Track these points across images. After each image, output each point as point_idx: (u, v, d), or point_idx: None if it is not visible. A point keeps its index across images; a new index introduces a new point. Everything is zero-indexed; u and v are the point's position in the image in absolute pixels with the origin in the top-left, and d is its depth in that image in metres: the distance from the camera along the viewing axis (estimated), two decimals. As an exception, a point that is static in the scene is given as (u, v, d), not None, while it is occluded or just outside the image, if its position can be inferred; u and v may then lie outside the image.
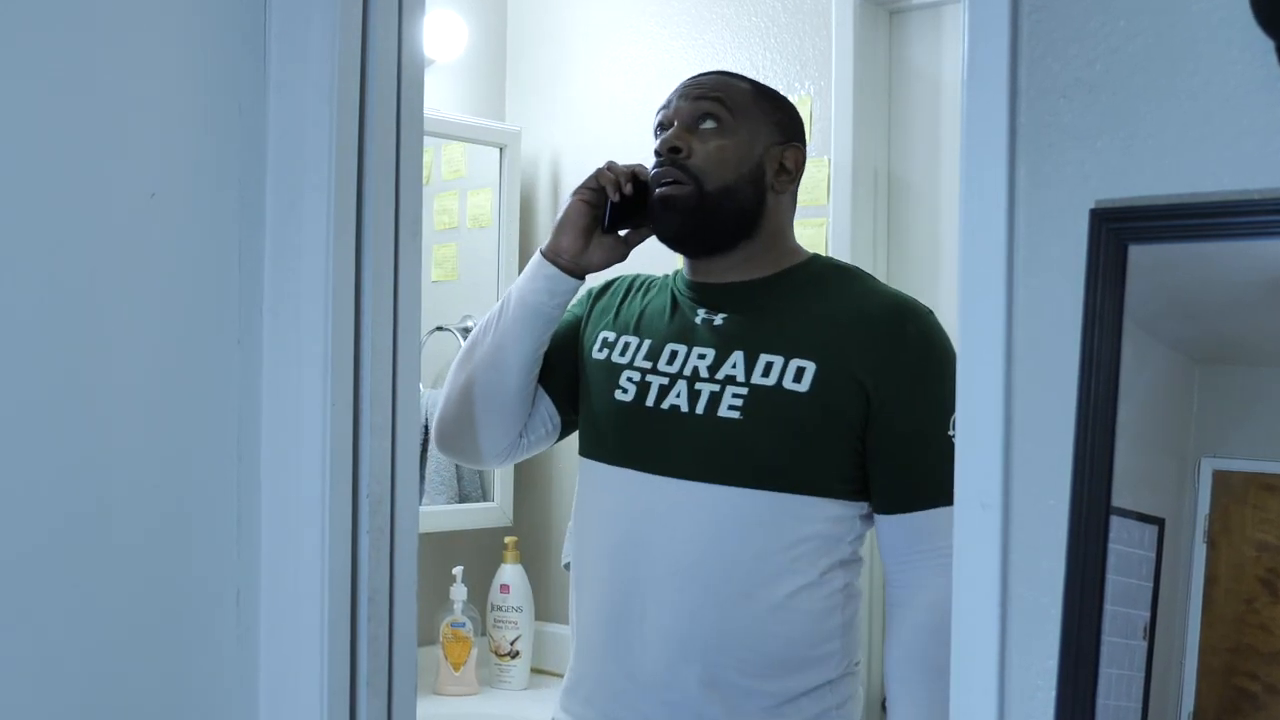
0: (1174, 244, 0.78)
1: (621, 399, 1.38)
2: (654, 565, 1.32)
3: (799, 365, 1.32)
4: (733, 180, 1.35)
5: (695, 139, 1.36)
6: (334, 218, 1.19)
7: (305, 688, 1.18)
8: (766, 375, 1.32)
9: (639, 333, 1.41)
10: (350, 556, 1.19)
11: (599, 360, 1.42)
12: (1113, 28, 0.81)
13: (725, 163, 1.35)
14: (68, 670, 1.13)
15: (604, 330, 1.44)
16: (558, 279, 1.38)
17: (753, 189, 1.37)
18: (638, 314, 1.43)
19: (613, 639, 1.35)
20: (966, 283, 0.86)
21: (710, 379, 1.34)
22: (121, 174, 1.16)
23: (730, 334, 1.36)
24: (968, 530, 0.85)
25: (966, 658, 0.84)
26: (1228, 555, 0.77)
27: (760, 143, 1.38)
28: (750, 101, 1.38)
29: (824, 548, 1.33)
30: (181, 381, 1.20)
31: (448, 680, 2.27)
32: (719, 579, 1.30)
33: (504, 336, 1.40)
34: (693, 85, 1.40)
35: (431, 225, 2.43)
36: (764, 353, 1.33)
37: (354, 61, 1.20)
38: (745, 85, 1.40)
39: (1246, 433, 0.76)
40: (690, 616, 1.30)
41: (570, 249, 1.38)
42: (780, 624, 1.31)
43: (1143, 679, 0.78)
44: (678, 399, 1.34)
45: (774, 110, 1.40)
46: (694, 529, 1.32)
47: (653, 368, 1.37)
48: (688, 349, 1.36)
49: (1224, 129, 0.76)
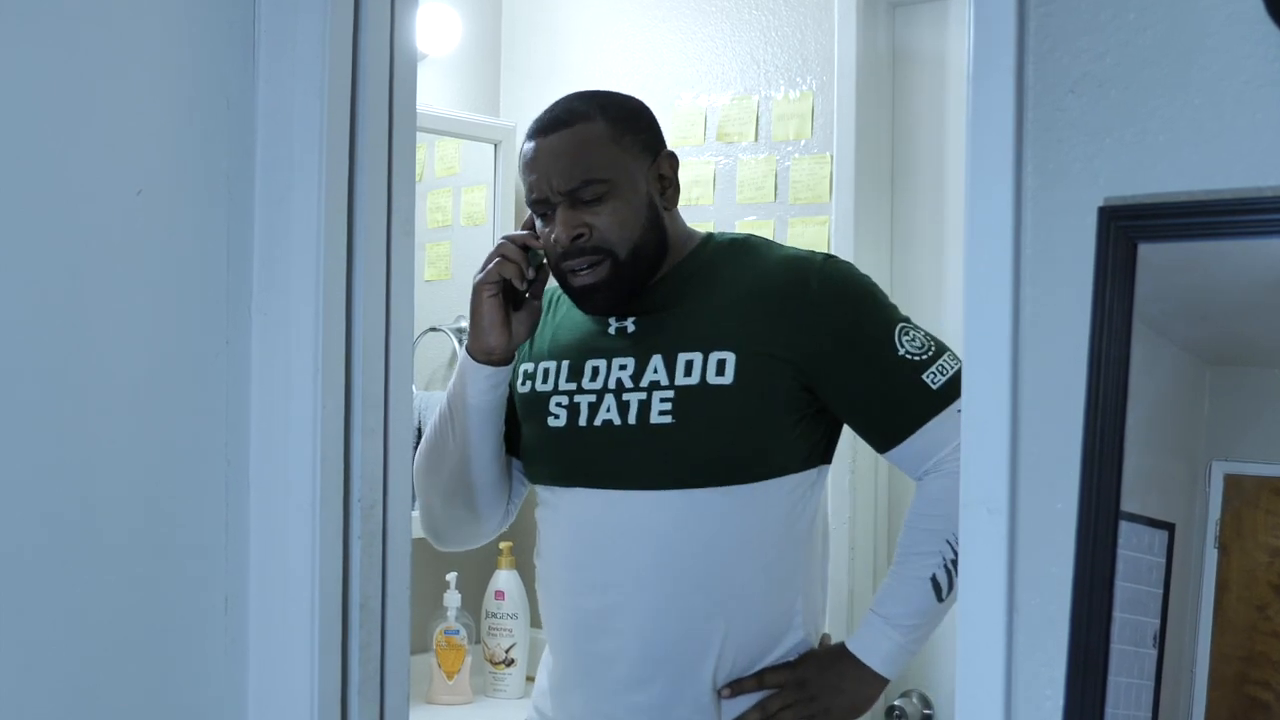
0: (1185, 242, 0.78)
1: (555, 425, 1.39)
2: (614, 575, 1.34)
3: (718, 358, 1.33)
4: (638, 236, 1.35)
5: (586, 213, 1.33)
6: (324, 215, 1.18)
7: (295, 697, 1.17)
8: (689, 374, 1.33)
9: (555, 356, 1.42)
10: (341, 562, 1.18)
11: (524, 394, 1.44)
12: (1123, 20, 0.80)
13: (625, 224, 1.34)
14: (52, 680, 1.12)
15: (523, 363, 1.45)
16: (496, 373, 1.39)
17: (654, 230, 1.36)
18: (549, 337, 1.44)
19: (581, 652, 1.37)
20: (972, 282, 0.86)
21: (635, 388, 1.35)
22: (107, 170, 1.15)
23: (644, 339, 1.37)
24: (974, 535, 0.85)
25: (973, 665, 0.84)
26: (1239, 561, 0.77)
27: (641, 179, 1.36)
28: (612, 144, 1.34)
29: (779, 528, 1.35)
30: (168, 383, 1.19)
31: (441, 689, 2.26)
32: (678, 580, 1.33)
33: (465, 445, 1.41)
34: (554, 156, 1.34)
35: (424, 223, 2.43)
36: (681, 352, 1.34)
37: (345, 55, 1.20)
38: (601, 126, 1.35)
39: (1259, 435, 0.76)
40: (654, 621, 1.33)
41: (499, 344, 1.38)
42: (741, 615, 1.34)
43: (1152, 688, 0.78)
44: (609, 413, 1.36)
45: (633, 133, 1.37)
46: (648, 536, 1.34)
47: (578, 388, 1.39)
48: (608, 362, 1.38)
49: (1236, 125, 0.76)
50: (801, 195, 2.12)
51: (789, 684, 1.34)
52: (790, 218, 2.13)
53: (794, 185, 2.13)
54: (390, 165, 1.23)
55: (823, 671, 1.35)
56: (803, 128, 2.14)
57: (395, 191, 1.23)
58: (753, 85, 2.20)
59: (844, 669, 1.34)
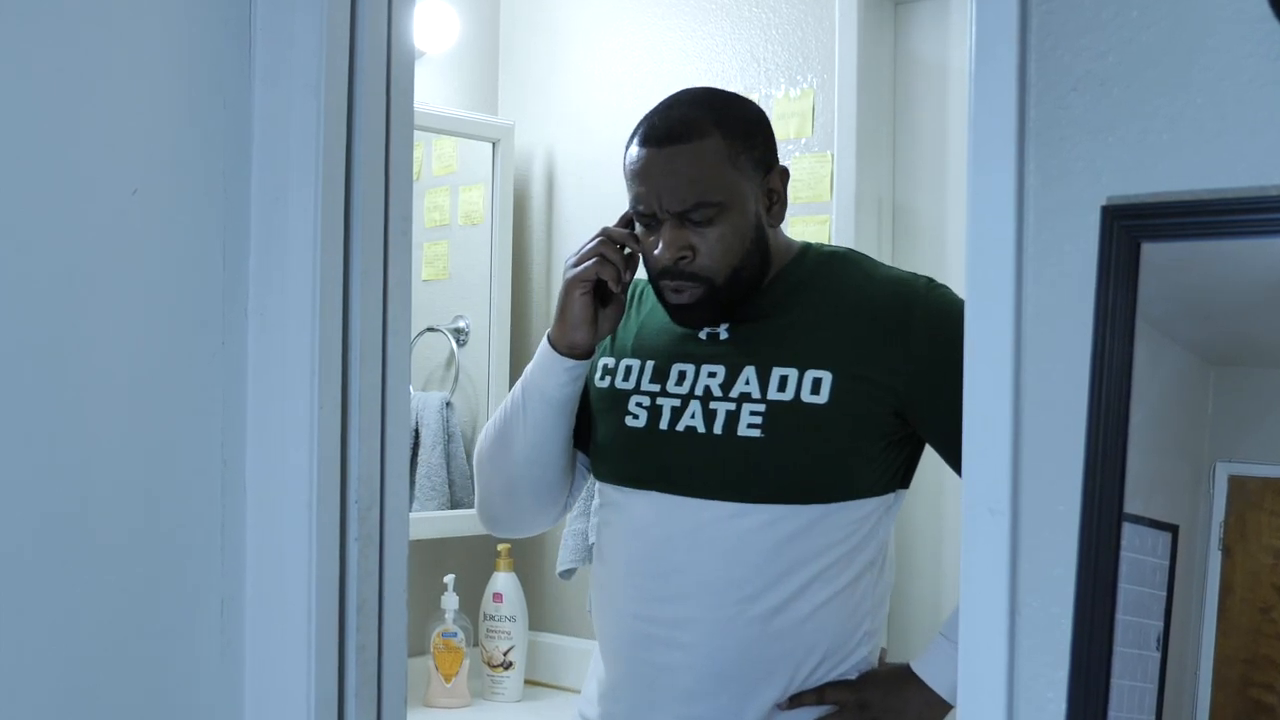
0: (1189, 242, 0.78)
1: (633, 425, 1.36)
2: (682, 585, 1.32)
3: (815, 376, 1.30)
4: (739, 261, 1.31)
5: (693, 234, 1.30)
6: (321, 215, 1.18)
7: (292, 700, 1.17)
8: (783, 390, 1.31)
9: (639, 354, 1.39)
10: (338, 564, 1.18)
11: (602, 389, 1.41)
12: (1125, 19, 0.80)
13: (730, 250, 1.30)
14: (46, 682, 1.12)
15: (603, 357, 1.42)
16: (577, 367, 1.37)
17: (757, 252, 1.33)
18: (634, 334, 1.42)
19: (641, 661, 1.34)
20: (974, 282, 0.85)
21: (725, 397, 1.32)
22: (102, 169, 1.15)
23: (738, 348, 1.34)
24: (976, 537, 0.85)
25: (975, 668, 0.84)
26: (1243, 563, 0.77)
27: (751, 200, 1.32)
28: (728, 165, 1.29)
29: (852, 553, 1.32)
30: (164, 384, 1.19)
31: (439, 692, 2.25)
32: (749, 596, 1.30)
33: (538, 433, 1.39)
34: (667, 173, 1.28)
35: (422, 222, 2.43)
36: (776, 366, 1.31)
37: (342, 52, 1.19)
38: (717, 143, 1.28)
39: (1263, 436, 0.76)
40: (723, 636, 1.30)
41: (585, 341, 1.36)
42: (812, 635, 1.31)
43: (1156, 691, 0.78)
44: (693, 420, 1.33)
45: (749, 150, 1.31)
46: (723, 547, 1.31)
47: (661, 390, 1.36)
48: (696, 367, 1.35)
49: (1240, 123, 0.76)
50: (802, 194, 2.12)
51: (851, 704, 1.31)
52: (791, 217, 2.12)
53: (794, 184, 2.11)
54: (387, 164, 1.22)
55: (887, 695, 1.31)
56: (803, 126, 2.14)
57: (392, 191, 1.23)
58: (753, 83, 2.19)
59: (909, 694, 1.30)
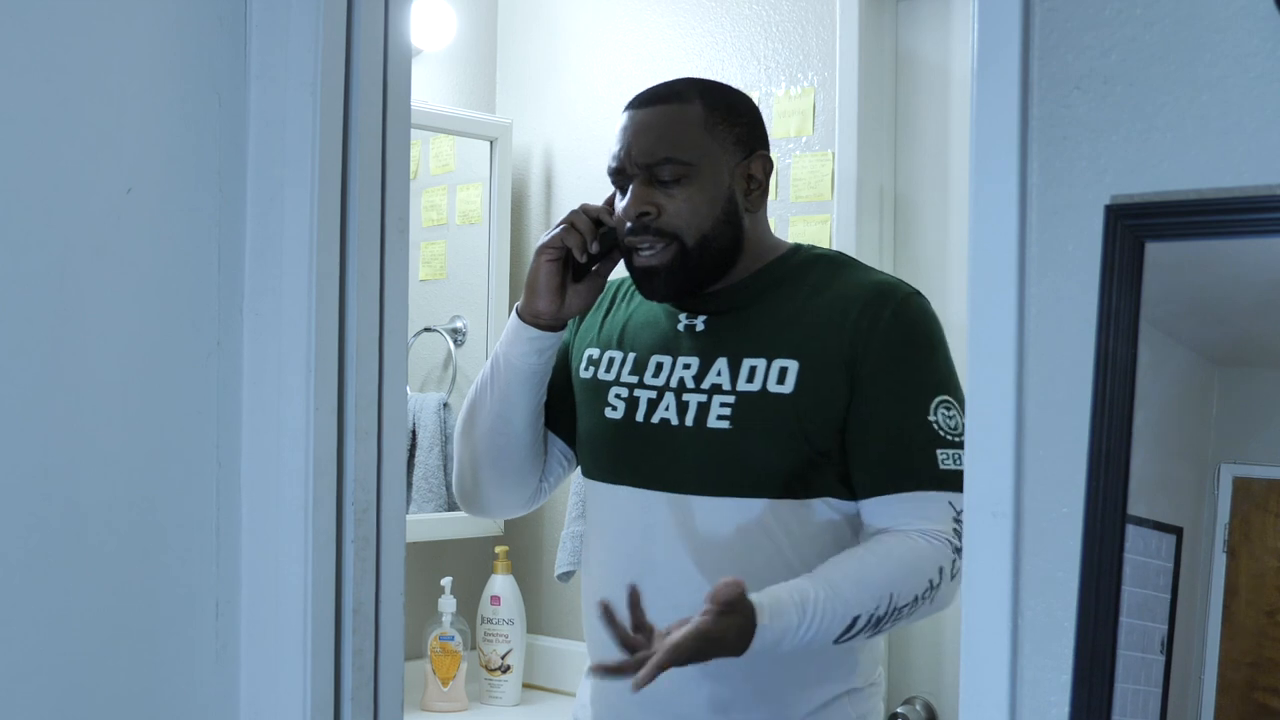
0: (1193, 241, 0.78)
1: (611, 416, 1.37)
2: (658, 581, 1.30)
3: (781, 365, 1.30)
4: (709, 227, 1.32)
5: (660, 193, 1.32)
6: (317, 214, 1.18)
7: (287, 704, 1.17)
8: (751, 380, 1.31)
9: (624, 346, 1.41)
10: (334, 567, 1.18)
11: (585, 380, 1.42)
12: (1129, 16, 0.80)
13: (697, 212, 1.32)
14: (40, 686, 1.12)
15: (588, 348, 1.44)
16: (542, 339, 1.38)
17: (729, 226, 1.34)
18: (621, 326, 1.43)
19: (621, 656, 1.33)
20: (976, 282, 0.85)
21: (696, 389, 1.33)
22: (96, 168, 1.15)
23: (712, 340, 1.35)
24: (978, 539, 0.84)
25: (977, 671, 0.84)
26: (1248, 565, 0.77)
27: (725, 172, 1.33)
28: (704, 130, 1.32)
29: (829, 549, 1.31)
30: (158, 385, 1.19)
31: (436, 696, 2.25)
32: None
33: (502, 404, 1.40)
34: (641, 129, 1.33)
35: (419, 222, 2.42)
36: (747, 357, 1.32)
37: (338, 50, 1.19)
38: (696, 109, 1.33)
39: (1268, 438, 0.75)
40: None
41: (548, 310, 1.36)
42: None
43: (1160, 695, 0.78)
44: (666, 412, 1.34)
45: (730, 126, 1.34)
46: (696, 543, 1.31)
47: (639, 381, 1.37)
48: (673, 359, 1.36)
49: (1245, 121, 0.76)
50: (803, 193, 2.11)
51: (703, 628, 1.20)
52: (791, 215, 2.12)
53: (795, 183, 2.12)
54: (384, 163, 1.22)
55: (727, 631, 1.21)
56: (804, 124, 2.13)
57: (389, 190, 1.23)
58: (753, 81, 2.18)
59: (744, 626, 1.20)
